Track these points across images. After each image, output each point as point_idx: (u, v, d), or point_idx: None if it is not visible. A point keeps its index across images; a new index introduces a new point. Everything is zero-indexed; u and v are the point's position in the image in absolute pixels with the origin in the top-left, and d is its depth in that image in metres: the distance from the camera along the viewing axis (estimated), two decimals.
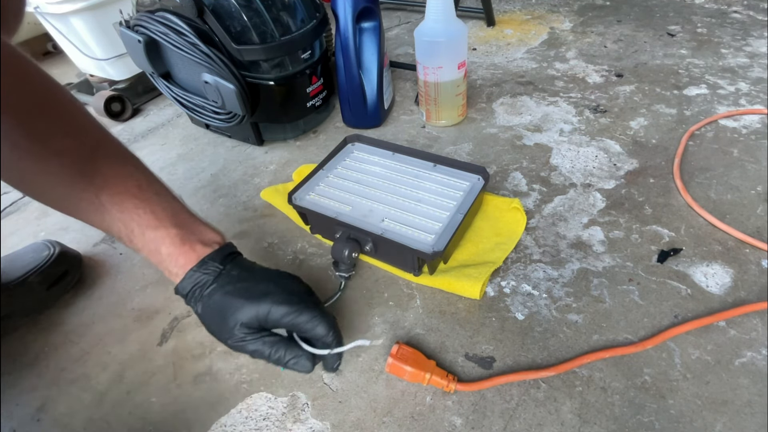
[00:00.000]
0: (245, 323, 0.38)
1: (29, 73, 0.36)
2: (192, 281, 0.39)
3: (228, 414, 0.43)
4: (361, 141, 0.66)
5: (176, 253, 0.39)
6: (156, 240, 0.39)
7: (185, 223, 0.41)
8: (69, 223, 0.67)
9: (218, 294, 0.39)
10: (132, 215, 0.39)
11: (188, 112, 0.75)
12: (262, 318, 0.38)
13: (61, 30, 0.86)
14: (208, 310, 0.39)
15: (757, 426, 0.37)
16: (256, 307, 0.38)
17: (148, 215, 0.39)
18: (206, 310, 0.39)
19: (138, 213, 0.39)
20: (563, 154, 0.67)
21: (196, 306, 0.40)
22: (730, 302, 0.46)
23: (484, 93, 0.84)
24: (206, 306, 0.39)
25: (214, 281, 0.39)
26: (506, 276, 0.51)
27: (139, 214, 0.39)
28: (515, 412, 0.40)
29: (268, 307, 0.38)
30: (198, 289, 0.39)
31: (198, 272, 0.39)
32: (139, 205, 0.39)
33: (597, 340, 0.44)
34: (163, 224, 0.40)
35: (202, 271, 0.39)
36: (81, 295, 0.56)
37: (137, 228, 0.39)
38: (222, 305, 0.38)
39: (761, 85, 0.76)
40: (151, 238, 0.39)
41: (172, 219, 0.40)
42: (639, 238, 0.54)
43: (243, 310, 0.38)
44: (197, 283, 0.39)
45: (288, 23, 0.66)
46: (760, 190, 0.58)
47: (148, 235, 0.39)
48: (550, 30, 1.03)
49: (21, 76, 0.34)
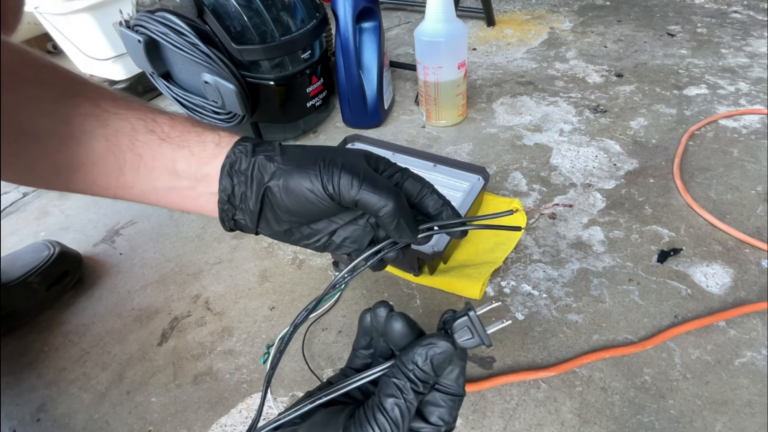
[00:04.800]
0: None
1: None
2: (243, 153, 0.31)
3: (228, 414, 0.43)
4: (361, 141, 0.66)
5: (207, 131, 0.33)
6: (179, 126, 0.33)
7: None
8: (69, 223, 0.67)
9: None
10: (146, 111, 0.33)
11: (188, 112, 0.75)
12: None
13: (61, 30, 0.86)
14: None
15: (757, 426, 0.37)
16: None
17: (160, 112, 0.33)
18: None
19: (151, 109, 0.33)
20: (563, 154, 0.67)
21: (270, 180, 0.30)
22: (730, 302, 0.46)
23: (484, 93, 0.84)
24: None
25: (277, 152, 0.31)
26: (506, 276, 0.51)
27: (152, 110, 0.33)
28: (515, 412, 0.40)
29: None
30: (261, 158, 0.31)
31: (246, 144, 0.32)
32: (148, 105, 0.34)
33: (597, 340, 0.44)
34: (179, 116, 0.34)
35: (253, 144, 0.32)
36: (81, 295, 0.56)
37: (157, 126, 0.32)
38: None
39: (761, 85, 0.76)
40: (173, 126, 0.33)
41: (185, 116, 0.34)
42: (639, 238, 0.54)
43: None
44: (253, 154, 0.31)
45: (288, 23, 0.66)
46: (760, 190, 0.58)
47: (165, 129, 0.32)
48: (550, 30, 1.03)
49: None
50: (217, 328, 0.50)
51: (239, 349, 0.48)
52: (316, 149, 0.32)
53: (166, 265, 0.58)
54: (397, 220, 0.29)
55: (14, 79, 0.30)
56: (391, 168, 0.32)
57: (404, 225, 0.30)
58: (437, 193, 0.32)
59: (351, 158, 0.31)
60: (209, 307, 0.53)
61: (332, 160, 0.30)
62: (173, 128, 0.33)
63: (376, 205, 0.29)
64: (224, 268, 0.57)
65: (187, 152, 0.32)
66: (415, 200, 0.32)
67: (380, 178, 0.30)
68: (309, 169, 0.30)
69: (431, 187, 0.33)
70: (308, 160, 0.30)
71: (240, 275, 0.56)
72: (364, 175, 0.29)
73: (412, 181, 0.32)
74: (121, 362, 0.48)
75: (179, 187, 0.33)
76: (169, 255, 0.60)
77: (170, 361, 0.48)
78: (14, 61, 0.31)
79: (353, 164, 0.30)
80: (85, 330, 0.52)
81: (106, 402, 0.45)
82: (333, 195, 0.29)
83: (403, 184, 0.32)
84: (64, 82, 0.33)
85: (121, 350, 0.49)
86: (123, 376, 0.47)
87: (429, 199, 0.32)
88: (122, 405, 0.45)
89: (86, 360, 0.49)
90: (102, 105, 0.32)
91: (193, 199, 0.33)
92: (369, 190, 0.29)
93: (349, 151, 0.32)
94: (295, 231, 0.33)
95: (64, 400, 0.46)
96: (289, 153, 0.31)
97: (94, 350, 0.50)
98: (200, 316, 0.52)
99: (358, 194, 0.29)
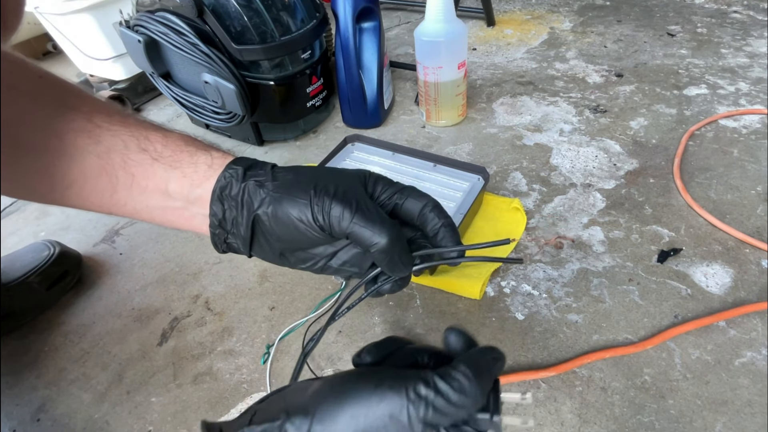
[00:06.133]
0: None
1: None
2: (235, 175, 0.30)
3: (228, 414, 0.43)
4: (361, 141, 0.66)
5: (200, 151, 0.32)
6: (171, 145, 0.32)
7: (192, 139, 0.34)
8: (69, 223, 0.67)
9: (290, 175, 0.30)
10: (139, 128, 0.32)
11: (188, 112, 0.75)
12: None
13: (61, 30, 0.86)
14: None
15: (757, 426, 0.37)
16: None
17: (153, 129, 0.33)
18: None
19: (144, 126, 0.33)
20: (563, 154, 0.67)
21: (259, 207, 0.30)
22: (730, 302, 0.46)
23: (484, 93, 0.84)
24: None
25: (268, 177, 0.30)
26: (506, 276, 0.51)
27: (146, 127, 0.33)
28: (515, 412, 0.40)
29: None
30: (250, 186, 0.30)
31: (237, 168, 0.31)
32: (142, 121, 0.33)
33: (597, 340, 0.44)
34: (172, 134, 0.33)
35: (243, 167, 0.31)
36: (81, 295, 0.56)
37: (150, 144, 0.32)
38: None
39: (761, 85, 0.76)
40: (165, 145, 0.32)
41: (178, 133, 0.34)
42: (639, 238, 0.54)
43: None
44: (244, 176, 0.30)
45: (288, 23, 0.66)
46: (760, 190, 0.58)
47: (158, 148, 0.32)
48: (550, 30, 1.03)
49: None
50: (217, 328, 0.50)
51: (239, 349, 0.48)
52: (309, 173, 0.30)
53: (166, 265, 0.58)
54: (390, 257, 0.28)
55: (10, 92, 0.30)
56: (390, 189, 0.31)
57: (397, 260, 0.28)
58: (438, 211, 0.31)
59: (346, 184, 0.29)
60: (209, 307, 0.53)
61: (324, 188, 0.28)
62: (166, 147, 0.32)
63: (367, 241, 0.27)
64: (224, 268, 0.57)
65: (179, 173, 0.31)
66: (416, 222, 0.31)
67: (374, 209, 0.28)
68: (299, 198, 0.28)
69: (433, 204, 0.31)
70: (299, 187, 0.29)
71: (240, 275, 0.56)
72: (357, 206, 0.28)
73: (412, 201, 0.31)
74: (121, 362, 0.48)
75: (172, 207, 0.32)
76: (169, 255, 0.60)
77: (170, 361, 0.48)
78: (11, 73, 0.31)
79: (347, 192, 0.28)
80: (85, 330, 0.52)
81: (106, 402, 0.45)
82: (324, 226, 0.28)
83: (404, 205, 0.31)
84: (58, 94, 0.32)
85: (121, 350, 0.49)
86: (123, 376, 0.47)
87: (429, 219, 0.30)
88: (122, 405, 0.45)
89: (86, 360, 0.49)
90: (95, 120, 0.32)
91: (187, 219, 0.33)
92: (361, 224, 0.27)
93: (344, 175, 0.31)
94: (290, 256, 0.32)
95: (64, 400, 0.46)
96: (281, 178, 0.30)
97: (94, 350, 0.50)
98: (200, 316, 0.52)
99: (349, 227, 0.27)
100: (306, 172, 0.30)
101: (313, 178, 0.29)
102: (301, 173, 0.30)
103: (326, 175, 0.30)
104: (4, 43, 0.33)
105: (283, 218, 0.29)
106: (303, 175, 0.30)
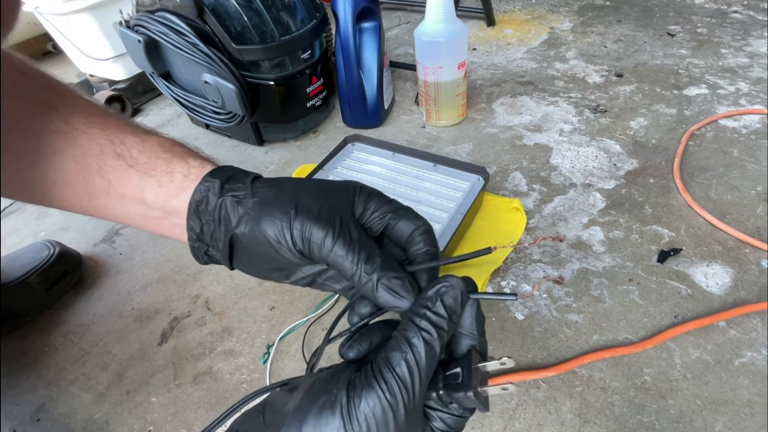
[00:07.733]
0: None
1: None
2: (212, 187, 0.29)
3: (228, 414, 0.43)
4: (361, 141, 0.65)
5: (176, 159, 0.31)
6: (147, 151, 0.31)
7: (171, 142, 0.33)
8: (69, 223, 0.67)
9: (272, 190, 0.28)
10: (116, 132, 0.31)
11: (188, 112, 0.75)
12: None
13: (61, 30, 0.86)
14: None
15: (757, 426, 0.37)
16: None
17: (132, 132, 0.32)
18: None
19: (122, 129, 0.31)
20: (563, 154, 0.67)
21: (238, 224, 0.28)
22: (730, 302, 0.46)
23: (484, 93, 0.84)
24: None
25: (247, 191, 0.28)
26: (506, 276, 0.51)
27: (123, 130, 0.31)
28: (515, 412, 0.40)
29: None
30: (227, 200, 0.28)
31: (214, 181, 0.29)
32: (122, 123, 0.32)
33: (597, 340, 0.44)
34: (150, 139, 0.31)
35: (221, 178, 0.29)
36: (81, 295, 0.56)
37: (125, 149, 0.31)
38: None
39: (761, 85, 0.76)
40: (141, 151, 0.31)
41: (156, 138, 0.32)
42: (639, 238, 0.54)
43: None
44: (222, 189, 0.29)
45: (288, 23, 0.66)
46: (760, 190, 0.58)
47: (134, 154, 0.30)
48: (550, 30, 1.03)
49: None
50: (217, 328, 0.50)
51: (239, 349, 0.48)
52: (292, 189, 0.28)
53: (166, 265, 0.58)
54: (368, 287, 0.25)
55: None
56: (385, 207, 0.29)
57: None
58: (425, 236, 0.28)
59: (331, 203, 0.27)
60: (209, 307, 0.53)
61: (307, 208, 0.26)
62: (142, 153, 0.31)
63: (348, 272, 0.25)
64: (224, 268, 0.56)
65: (154, 182, 0.30)
66: (403, 245, 0.29)
67: (358, 234, 0.26)
68: (278, 218, 0.26)
69: (425, 228, 0.29)
70: (278, 206, 0.26)
71: (240, 275, 0.56)
72: (339, 230, 0.25)
73: (405, 223, 0.28)
74: (121, 362, 0.48)
75: (152, 216, 0.31)
76: (169, 255, 0.60)
77: (170, 361, 0.48)
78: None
79: (331, 212, 0.26)
80: (85, 330, 0.52)
81: (106, 402, 0.45)
82: (303, 251, 0.26)
83: (396, 226, 0.28)
84: (40, 93, 0.31)
85: (121, 350, 0.49)
86: (123, 376, 0.47)
87: (415, 244, 0.28)
88: (122, 405, 0.45)
89: (86, 360, 0.49)
90: (73, 122, 0.31)
91: (167, 228, 0.32)
92: (341, 252, 0.25)
93: (331, 190, 0.28)
94: (273, 272, 0.31)
95: (64, 400, 0.46)
96: (260, 194, 0.27)
97: (94, 350, 0.50)
98: (200, 316, 0.52)
99: (329, 255, 0.25)
100: (288, 188, 0.28)
101: (295, 196, 0.27)
102: (283, 189, 0.28)
103: (310, 191, 0.28)
104: (2, 41, 0.33)
105: (261, 240, 0.27)
106: (285, 192, 0.27)
